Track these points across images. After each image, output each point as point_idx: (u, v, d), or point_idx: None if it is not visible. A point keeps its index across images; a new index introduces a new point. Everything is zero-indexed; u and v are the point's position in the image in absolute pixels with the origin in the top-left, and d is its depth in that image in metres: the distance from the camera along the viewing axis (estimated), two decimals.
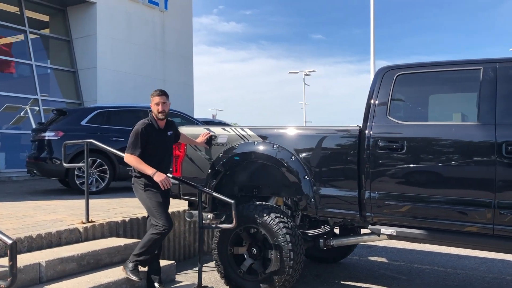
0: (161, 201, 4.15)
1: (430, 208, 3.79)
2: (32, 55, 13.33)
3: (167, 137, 4.38)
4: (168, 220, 4.10)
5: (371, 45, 14.75)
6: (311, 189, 4.26)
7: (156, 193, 4.15)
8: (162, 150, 4.30)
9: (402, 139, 3.90)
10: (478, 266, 5.73)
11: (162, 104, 4.26)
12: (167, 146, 4.39)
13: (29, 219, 5.19)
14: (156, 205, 4.13)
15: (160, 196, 4.16)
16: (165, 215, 4.13)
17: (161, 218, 4.08)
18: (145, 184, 4.17)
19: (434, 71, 4.04)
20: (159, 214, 4.10)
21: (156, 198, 4.15)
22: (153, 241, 4.08)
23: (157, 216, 4.10)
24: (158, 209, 4.12)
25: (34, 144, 8.36)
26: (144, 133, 4.14)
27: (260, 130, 4.67)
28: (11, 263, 2.56)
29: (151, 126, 4.23)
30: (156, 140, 4.23)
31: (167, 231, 4.10)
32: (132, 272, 4.05)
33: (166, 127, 4.39)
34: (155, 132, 4.24)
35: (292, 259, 4.22)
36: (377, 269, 5.65)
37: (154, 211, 4.13)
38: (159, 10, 15.94)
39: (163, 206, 4.16)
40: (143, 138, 4.13)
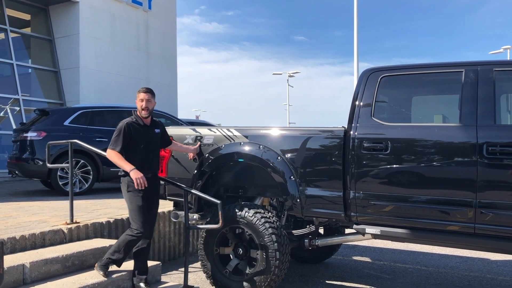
0: (141, 204, 4.08)
1: (413, 207, 3.86)
2: (13, 54, 13.13)
3: (154, 135, 4.32)
4: (144, 225, 4.06)
5: (355, 48, 14.88)
6: (297, 189, 4.30)
7: (137, 196, 4.09)
8: (147, 148, 4.25)
9: (386, 140, 3.96)
10: (459, 265, 5.85)
11: (146, 101, 4.25)
12: (153, 144, 4.32)
13: (12, 220, 5.13)
14: (135, 208, 4.09)
15: (141, 199, 4.09)
16: (142, 220, 4.06)
17: (138, 222, 4.05)
18: (128, 185, 4.13)
19: (417, 73, 4.11)
20: (137, 217, 4.07)
21: (136, 201, 4.09)
22: (127, 242, 4.05)
23: (134, 219, 4.08)
24: (136, 212, 4.08)
25: (16, 144, 8.23)
26: (126, 130, 4.12)
27: (246, 130, 4.69)
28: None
29: (135, 123, 4.21)
30: (140, 138, 4.19)
31: (141, 236, 4.06)
32: (101, 266, 4.06)
33: (153, 125, 4.36)
34: (139, 129, 4.21)
35: (278, 259, 4.25)
36: (361, 268, 5.72)
37: (132, 214, 4.11)
38: (143, 10, 15.86)
39: (142, 210, 4.09)
40: (126, 135, 4.11)
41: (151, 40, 16.14)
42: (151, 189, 4.21)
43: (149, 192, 4.19)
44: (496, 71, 3.74)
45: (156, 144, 4.38)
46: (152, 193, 4.27)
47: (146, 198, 4.16)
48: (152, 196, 4.28)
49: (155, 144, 4.37)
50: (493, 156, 3.58)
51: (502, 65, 3.83)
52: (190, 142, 4.90)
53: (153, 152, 4.32)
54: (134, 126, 4.19)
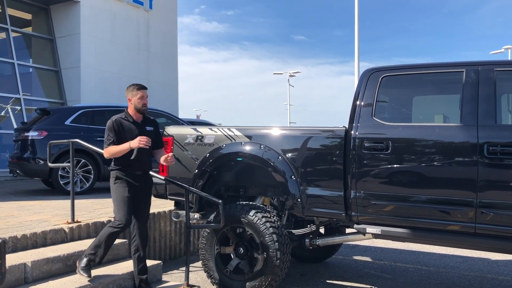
0: (126, 195, 4.01)
1: (414, 207, 3.87)
2: (14, 53, 13.14)
3: (145, 132, 4.20)
4: (125, 216, 3.97)
5: (356, 47, 14.90)
6: (298, 189, 4.31)
7: (124, 188, 4.05)
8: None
9: (387, 140, 3.97)
10: (460, 265, 5.85)
11: (146, 98, 4.24)
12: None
13: (13, 219, 5.14)
14: (119, 199, 4.03)
15: (127, 190, 4.04)
16: (125, 211, 3.99)
17: (120, 213, 3.99)
18: (116, 177, 4.10)
19: (418, 73, 4.12)
20: (119, 208, 4.01)
21: (122, 192, 4.04)
22: (108, 235, 3.99)
23: (117, 210, 4.03)
24: (120, 203, 4.02)
25: (17, 144, 8.25)
26: (115, 126, 4.08)
27: (247, 130, 4.70)
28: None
29: (124, 120, 4.15)
30: (130, 134, 4.11)
31: (122, 227, 3.98)
32: (83, 269, 3.93)
33: (145, 122, 4.28)
34: (129, 125, 4.15)
35: (279, 258, 4.26)
36: (362, 268, 5.73)
37: (116, 205, 4.06)
38: (144, 9, 15.87)
39: (126, 201, 4.01)
40: (115, 131, 4.07)
41: (152, 40, 16.15)
42: (140, 187, 4.16)
43: (138, 189, 4.14)
44: (497, 71, 3.75)
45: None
46: (142, 191, 4.20)
47: (134, 194, 4.10)
48: (142, 194, 4.20)
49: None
50: (494, 156, 3.59)
51: (503, 65, 3.84)
52: (191, 142, 4.91)
53: (145, 150, 4.15)
54: (123, 122, 4.14)
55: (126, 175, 4.10)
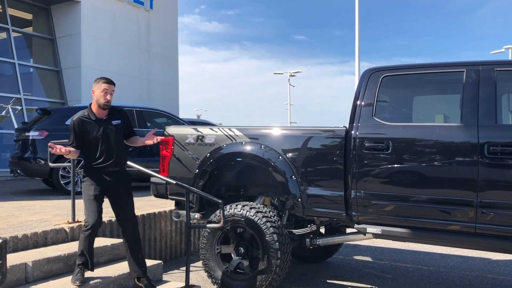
0: (92, 194, 3.89)
1: (414, 207, 3.87)
2: (15, 53, 13.15)
3: (112, 128, 4.06)
4: (92, 216, 3.85)
5: (356, 47, 14.90)
6: (298, 189, 4.31)
7: (90, 186, 3.94)
8: (105, 141, 4.01)
9: (387, 140, 3.97)
10: (460, 265, 5.85)
11: (110, 93, 4.03)
12: (112, 137, 4.05)
13: (14, 219, 5.14)
14: (86, 198, 3.93)
15: (93, 189, 3.92)
16: (91, 211, 3.87)
17: (87, 213, 3.90)
18: (83, 175, 4.04)
19: (418, 73, 4.12)
20: (86, 208, 3.91)
21: (87, 191, 3.93)
22: (84, 240, 3.87)
23: (85, 211, 3.92)
24: (86, 203, 3.92)
25: (18, 143, 8.25)
26: (76, 126, 3.97)
27: (248, 130, 4.70)
28: (0, 262, 2.55)
29: (85, 119, 4.01)
30: (94, 132, 3.97)
31: (91, 228, 3.84)
32: (75, 276, 3.82)
33: (111, 117, 4.11)
34: (91, 123, 4.00)
35: (279, 258, 4.26)
36: (362, 268, 5.73)
37: (84, 205, 3.94)
38: (144, 9, 15.87)
39: (92, 201, 3.89)
40: (76, 131, 3.97)
41: (153, 40, 16.16)
42: (116, 184, 4.05)
43: (114, 187, 4.04)
44: (498, 71, 3.75)
45: (116, 136, 4.10)
46: (119, 189, 4.08)
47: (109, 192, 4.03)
48: (119, 192, 4.08)
49: (116, 137, 4.10)
50: (494, 156, 3.59)
51: (504, 65, 3.84)
52: (192, 142, 4.92)
53: (116, 146, 4.06)
54: (85, 121, 3.99)
55: (94, 172, 3.98)
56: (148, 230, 5.67)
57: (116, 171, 4.11)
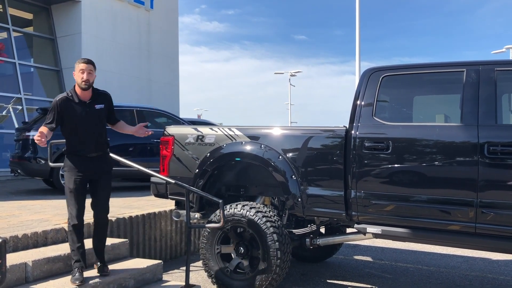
0: (73, 187, 3.84)
1: (414, 207, 3.87)
2: (15, 53, 13.15)
3: (94, 111, 3.96)
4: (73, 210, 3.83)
5: (357, 47, 14.89)
6: (298, 189, 4.31)
7: (70, 178, 3.86)
8: (87, 125, 3.92)
9: (387, 140, 3.97)
10: (460, 265, 5.85)
11: (87, 73, 3.87)
12: (94, 121, 3.97)
13: (14, 219, 5.15)
14: (68, 192, 3.87)
15: (73, 181, 3.85)
16: (72, 203, 3.84)
17: (69, 206, 3.87)
18: (65, 164, 3.97)
19: (419, 73, 4.12)
20: (67, 202, 3.88)
21: (68, 184, 3.87)
22: (71, 236, 3.88)
23: (67, 206, 3.90)
24: (69, 198, 3.87)
25: (18, 143, 8.26)
26: (58, 106, 3.85)
27: (248, 130, 4.70)
28: (0, 262, 2.55)
29: (68, 100, 3.89)
30: (76, 115, 3.88)
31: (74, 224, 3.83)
32: (73, 277, 3.80)
33: (94, 100, 3.99)
34: (74, 105, 3.89)
35: (279, 258, 4.26)
36: (362, 268, 5.73)
37: (67, 198, 3.90)
38: (145, 9, 15.87)
39: (73, 195, 3.84)
40: (57, 112, 3.86)
41: (153, 39, 16.16)
42: (96, 170, 3.97)
43: (93, 174, 3.96)
44: (498, 71, 3.75)
45: (98, 121, 4.02)
46: (98, 174, 4.00)
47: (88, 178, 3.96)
48: (98, 178, 4.01)
49: (97, 121, 4.01)
50: (494, 156, 3.59)
51: (504, 65, 3.84)
52: (192, 142, 4.92)
53: (97, 131, 3.99)
54: (68, 103, 3.88)
55: (75, 159, 3.92)
56: (148, 229, 5.68)
57: (97, 157, 4.03)
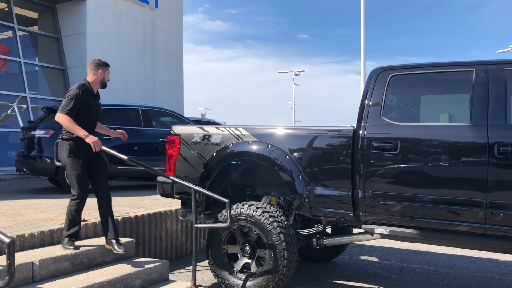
0: (80, 171, 4.24)
1: (423, 207, 3.84)
2: (20, 52, 13.18)
3: (98, 103, 4.57)
4: (81, 189, 4.23)
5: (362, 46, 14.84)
6: (305, 189, 4.29)
7: (77, 162, 4.25)
8: (94, 116, 4.46)
9: (395, 139, 3.94)
10: (468, 265, 5.81)
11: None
12: (97, 111, 4.54)
13: (21, 218, 5.15)
14: (75, 175, 4.24)
15: (81, 166, 4.25)
16: (81, 186, 4.24)
17: (76, 188, 4.23)
18: (70, 150, 4.26)
19: (427, 72, 4.09)
20: (76, 183, 4.23)
21: (76, 168, 4.24)
22: (72, 213, 4.24)
23: (72, 185, 4.27)
24: (76, 178, 4.24)
25: (24, 142, 8.26)
26: (80, 95, 4.25)
27: (254, 129, 4.68)
28: (8, 261, 2.54)
29: (88, 91, 4.37)
30: (91, 105, 4.38)
31: (79, 201, 4.24)
32: (68, 243, 4.18)
33: (98, 95, 4.59)
34: (90, 97, 4.39)
35: (286, 258, 4.24)
36: (369, 268, 5.70)
37: (71, 180, 4.28)
38: (150, 8, 15.87)
39: (82, 176, 4.26)
40: (79, 101, 4.24)
41: (157, 38, 16.16)
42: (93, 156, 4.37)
43: (92, 155, 4.35)
44: (508, 70, 3.71)
45: (98, 112, 4.59)
46: (95, 157, 4.40)
47: (88, 164, 4.34)
48: (95, 160, 4.41)
49: (98, 111, 4.58)
50: (504, 156, 3.56)
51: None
52: (198, 141, 4.90)
53: (96, 119, 4.55)
54: (86, 92, 4.35)
55: (80, 147, 4.24)
56: (154, 229, 5.67)
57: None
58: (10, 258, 2.53)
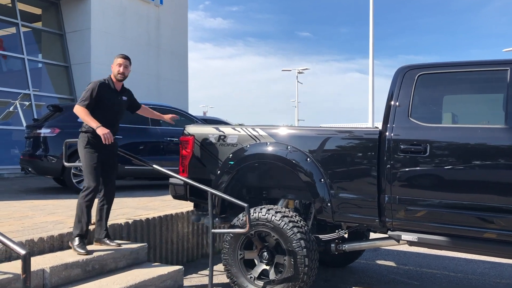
0: (95, 162, 4.24)
1: (454, 214, 3.64)
2: (24, 48, 12.97)
3: (121, 101, 4.53)
4: (94, 181, 4.20)
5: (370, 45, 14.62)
6: (328, 193, 4.09)
7: (93, 154, 4.26)
8: (114, 112, 4.45)
9: (425, 142, 3.75)
10: (489, 271, 5.63)
11: (124, 67, 4.44)
12: (119, 110, 4.54)
13: (28, 220, 4.96)
14: (90, 165, 4.24)
15: (96, 157, 4.25)
16: (93, 177, 4.21)
17: (90, 179, 4.20)
18: (87, 142, 4.28)
19: (457, 71, 3.89)
20: (89, 174, 4.21)
21: (91, 159, 4.25)
22: (82, 208, 4.18)
23: (86, 176, 4.24)
24: (90, 169, 4.22)
25: (29, 141, 8.06)
26: (97, 89, 4.29)
27: (273, 130, 4.49)
28: (24, 275, 2.35)
29: (106, 85, 4.40)
30: (110, 100, 4.38)
31: (92, 192, 4.18)
32: (79, 246, 4.08)
33: (122, 92, 4.57)
34: (110, 92, 4.40)
35: (307, 265, 4.06)
36: (387, 273, 5.51)
37: (85, 171, 4.26)
38: (154, 5, 15.67)
39: (95, 168, 4.24)
40: (96, 94, 4.27)
41: (162, 36, 15.95)
42: (109, 151, 4.38)
43: (107, 153, 4.37)
44: None
45: (120, 109, 4.57)
46: (110, 155, 4.43)
47: (102, 158, 4.32)
48: (109, 157, 4.42)
49: (120, 109, 4.56)
50: None
51: None
52: (213, 142, 4.71)
53: (117, 116, 4.52)
54: (105, 87, 4.38)
55: (97, 140, 4.22)
56: (165, 232, 5.48)
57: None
58: (26, 272, 2.33)
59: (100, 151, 4.29)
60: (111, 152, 4.45)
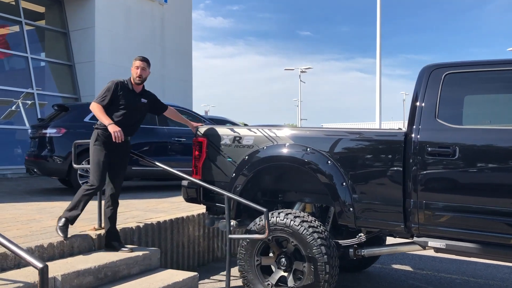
0: (103, 160, 4.20)
1: (484, 220, 3.47)
2: (27, 47, 12.81)
3: (140, 103, 4.45)
4: (99, 179, 4.17)
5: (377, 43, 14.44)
6: (350, 197, 3.93)
7: (101, 151, 4.22)
8: (131, 113, 4.36)
9: (453, 144, 3.58)
10: (509, 276, 5.46)
11: (141, 69, 4.39)
12: (138, 112, 4.47)
13: (36, 224, 4.80)
14: (96, 162, 4.20)
15: (104, 155, 4.21)
16: (99, 174, 4.17)
17: (95, 176, 4.17)
18: (97, 138, 4.26)
19: (487, 70, 3.72)
20: (95, 171, 4.18)
21: (99, 156, 4.21)
22: (82, 197, 4.18)
23: (92, 173, 4.22)
24: (96, 166, 4.19)
25: (34, 141, 7.89)
26: (115, 89, 4.27)
27: (291, 131, 4.34)
28: None
29: (125, 86, 4.36)
30: (127, 101, 4.32)
31: (95, 189, 4.20)
32: (61, 228, 4.07)
33: (142, 93, 4.50)
34: (128, 92, 4.35)
35: (328, 272, 3.89)
36: (404, 279, 5.35)
37: (92, 167, 4.24)
38: (159, 3, 15.49)
39: (102, 165, 4.20)
40: (113, 93, 4.25)
41: (167, 34, 15.77)
42: (120, 151, 4.32)
43: (118, 153, 4.31)
44: None
45: (139, 111, 4.49)
46: (121, 155, 4.38)
47: (113, 157, 4.28)
48: (119, 156, 4.36)
49: (139, 111, 4.48)
50: None
51: None
52: (228, 143, 4.55)
53: (134, 118, 4.43)
54: (124, 87, 4.34)
55: (108, 138, 4.17)
56: (176, 235, 5.31)
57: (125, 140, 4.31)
58: (43, 286, 2.17)
59: (110, 149, 4.23)
60: (122, 151, 4.36)
